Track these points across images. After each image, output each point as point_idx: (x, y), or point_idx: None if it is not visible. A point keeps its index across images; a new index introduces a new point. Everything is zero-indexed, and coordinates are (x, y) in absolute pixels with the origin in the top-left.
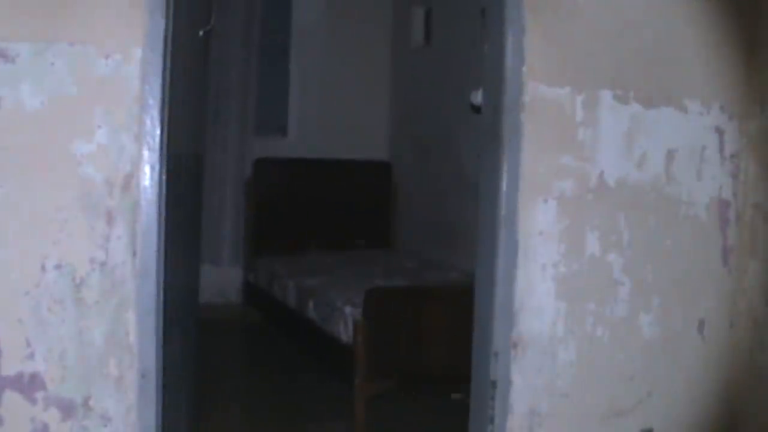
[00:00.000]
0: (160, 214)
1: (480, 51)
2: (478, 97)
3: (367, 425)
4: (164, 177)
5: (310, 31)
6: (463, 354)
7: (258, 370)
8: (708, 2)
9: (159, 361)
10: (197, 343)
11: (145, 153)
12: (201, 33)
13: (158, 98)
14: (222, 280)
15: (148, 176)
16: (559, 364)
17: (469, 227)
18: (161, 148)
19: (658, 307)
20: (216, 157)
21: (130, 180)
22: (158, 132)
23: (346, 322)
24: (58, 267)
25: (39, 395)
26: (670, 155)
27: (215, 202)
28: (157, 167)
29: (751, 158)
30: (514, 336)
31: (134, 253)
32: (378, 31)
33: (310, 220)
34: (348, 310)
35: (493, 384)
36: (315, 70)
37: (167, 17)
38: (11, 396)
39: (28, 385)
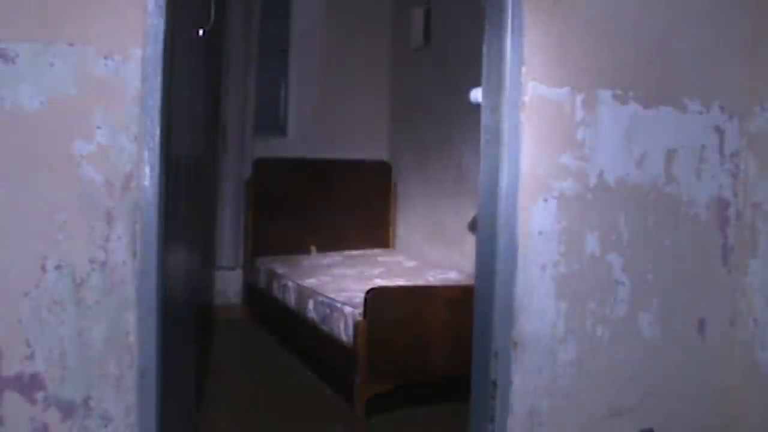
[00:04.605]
0: (159, 214)
1: (480, 51)
2: (478, 97)
3: (367, 425)
4: (164, 177)
5: (310, 32)
6: (463, 354)
7: (258, 371)
8: (707, 2)
9: (159, 361)
10: (197, 343)
11: (145, 153)
12: (201, 33)
13: (158, 98)
14: (222, 280)
15: (148, 176)
16: (559, 364)
17: (468, 227)
18: (161, 148)
19: (658, 307)
20: (216, 157)
21: (130, 180)
22: (158, 132)
23: (346, 322)
24: (58, 267)
25: (39, 395)
26: (670, 155)
27: (215, 202)
28: (157, 167)
29: (751, 158)
30: (514, 336)
31: (134, 254)
32: (377, 31)
33: (309, 220)
34: (348, 310)
35: (493, 384)
36: (315, 71)
37: (167, 17)
38: (11, 396)
39: (29, 385)
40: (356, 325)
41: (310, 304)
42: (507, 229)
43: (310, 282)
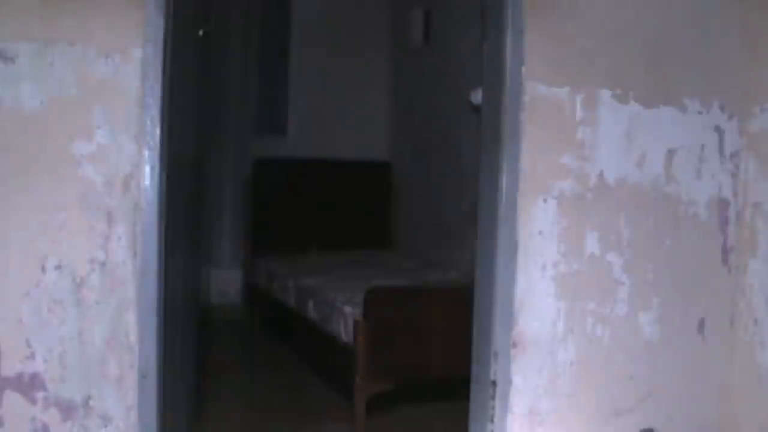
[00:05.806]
0: (160, 214)
1: (480, 51)
2: (478, 97)
3: (367, 425)
4: (164, 177)
5: (310, 31)
6: (463, 354)
7: (258, 371)
8: (707, 1)
9: (159, 361)
10: (197, 343)
11: (145, 153)
12: (201, 33)
13: (158, 98)
14: (222, 280)
15: (148, 176)
16: (559, 364)
17: (468, 227)
18: (161, 148)
19: (658, 306)
20: (216, 157)
21: (130, 180)
22: (158, 132)
23: (346, 322)
24: (58, 267)
25: (39, 395)
26: (670, 154)
27: (215, 202)
28: (157, 167)
29: (750, 157)
30: (514, 336)
31: (134, 254)
32: (377, 31)
33: (309, 221)
34: (348, 310)
35: (493, 384)
36: (315, 70)
37: (167, 17)
38: (11, 396)
39: (29, 385)
40: (356, 325)
41: (310, 304)
42: (507, 229)
43: (310, 282)
